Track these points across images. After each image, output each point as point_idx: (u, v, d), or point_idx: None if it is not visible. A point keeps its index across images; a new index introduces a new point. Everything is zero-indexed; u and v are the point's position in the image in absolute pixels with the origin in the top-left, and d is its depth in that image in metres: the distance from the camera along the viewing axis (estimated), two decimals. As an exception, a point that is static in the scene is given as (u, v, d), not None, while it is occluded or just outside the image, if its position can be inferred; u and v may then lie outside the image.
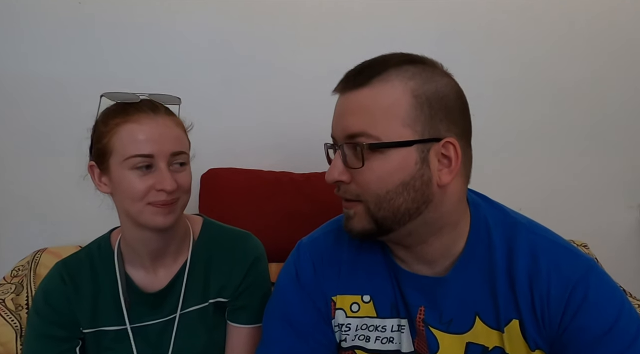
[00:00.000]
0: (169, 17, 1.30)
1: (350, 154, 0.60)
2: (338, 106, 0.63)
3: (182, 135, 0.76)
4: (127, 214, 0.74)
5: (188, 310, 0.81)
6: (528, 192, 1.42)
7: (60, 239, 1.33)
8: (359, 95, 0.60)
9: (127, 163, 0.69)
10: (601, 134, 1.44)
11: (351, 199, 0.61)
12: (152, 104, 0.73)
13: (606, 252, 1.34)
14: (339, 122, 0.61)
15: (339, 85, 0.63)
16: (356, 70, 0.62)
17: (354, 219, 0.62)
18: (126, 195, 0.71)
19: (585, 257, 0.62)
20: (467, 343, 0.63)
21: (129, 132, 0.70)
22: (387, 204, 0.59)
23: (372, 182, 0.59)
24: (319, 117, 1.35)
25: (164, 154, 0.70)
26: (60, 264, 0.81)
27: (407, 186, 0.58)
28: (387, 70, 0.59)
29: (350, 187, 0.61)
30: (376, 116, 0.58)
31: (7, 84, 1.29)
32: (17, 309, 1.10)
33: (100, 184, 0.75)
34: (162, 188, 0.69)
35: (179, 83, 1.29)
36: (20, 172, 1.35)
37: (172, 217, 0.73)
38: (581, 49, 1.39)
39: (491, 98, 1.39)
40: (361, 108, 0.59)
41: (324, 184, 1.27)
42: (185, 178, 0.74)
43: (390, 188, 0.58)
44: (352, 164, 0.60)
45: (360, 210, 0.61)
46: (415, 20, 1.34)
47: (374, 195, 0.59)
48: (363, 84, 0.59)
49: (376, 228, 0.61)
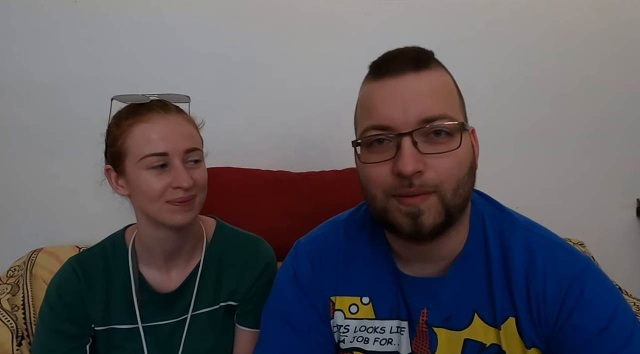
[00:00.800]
0: (166, 18, 1.29)
1: (421, 141, 0.55)
2: (399, 90, 0.56)
3: (195, 132, 0.76)
4: (145, 214, 0.74)
5: (199, 312, 0.82)
6: (525, 191, 1.42)
7: (56, 239, 1.32)
8: (429, 76, 0.56)
9: (143, 163, 0.70)
10: (598, 134, 1.45)
11: (426, 191, 0.55)
12: (163, 103, 0.74)
13: (603, 251, 1.35)
14: (410, 105, 0.55)
15: (391, 67, 0.57)
16: (409, 55, 0.57)
17: (424, 215, 0.55)
18: (144, 195, 0.71)
19: (582, 255, 0.62)
20: (465, 339, 0.63)
21: (142, 132, 0.70)
22: (463, 190, 0.57)
23: (455, 166, 0.55)
24: (317, 116, 1.36)
25: (178, 151, 0.71)
26: (74, 260, 0.81)
27: (471, 171, 0.59)
28: (433, 58, 0.60)
29: (427, 176, 0.55)
30: (452, 98, 0.58)
31: (3, 84, 1.28)
32: (13, 310, 1.09)
33: (117, 187, 0.75)
34: (179, 185, 0.69)
35: (177, 83, 1.28)
36: (16, 172, 1.34)
37: (191, 214, 0.73)
38: (580, 50, 1.39)
39: (490, 98, 1.39)
40: (437, 89, 0.56)
41: (322, 183, 1.29)
42: (200, 175, 0.74)
43: (465, 172, 0.57)
44: (428, 149, 0.55)
45: (432, 202, 0.55)
46: (415, 21, 1.34)
47: (455, 180, 0.56)
48: (426, 67, 0.57)
49: (445, 220, 0.56)
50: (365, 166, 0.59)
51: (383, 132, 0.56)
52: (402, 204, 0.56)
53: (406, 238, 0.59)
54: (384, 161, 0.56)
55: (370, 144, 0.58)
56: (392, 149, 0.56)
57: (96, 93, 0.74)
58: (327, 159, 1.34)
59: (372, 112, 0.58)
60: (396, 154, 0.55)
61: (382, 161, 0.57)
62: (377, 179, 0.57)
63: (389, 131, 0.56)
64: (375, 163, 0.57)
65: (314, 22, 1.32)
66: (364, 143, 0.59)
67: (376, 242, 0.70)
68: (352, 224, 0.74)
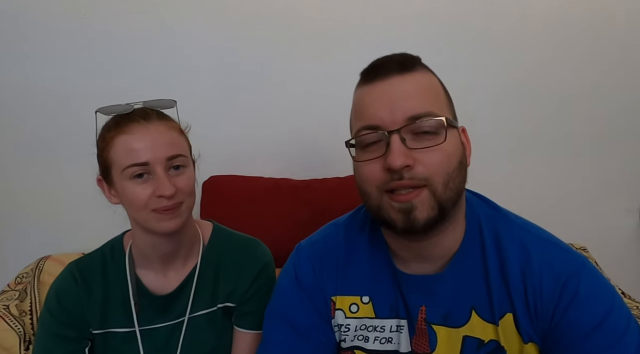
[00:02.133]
0: (171, 27, 1.32)
1: (409, 138, 0.58)
2: (386, 91, 0.60)
3: (178, 138, 0.76)
4: (136, 222, 0.76)
5: (196, 314, 0.82)
6: (527, 196, 1.42)
7: (63, 246, 1.34)
8: (413, 78, 0.60)
9: (126, 174, 0.71)
10: (600, 139, 1.45)
11: (417, 185, 0.58)
12: (144, 112, 0.74)
13: (606, 256, 1.34)
14: (397, 105, 0.58)
15: (380, 72, 0.61)
16: (394, 59, 0.61)
17: (417, 209, 0.58)
18: (130, 205, 0.73)
19: (577, 254, 0.63)
20: (463, 336, 0.64)
21: (122, 144, 0.71)
22: (453, 184, 0.59)
23: (443, 160, 0.58)
24: (319, 124, 1.38)
25: (160, 159, 0.71)
26: (73, 264, 0.82)
27: (461, 165, 0.61)
28: (419, 62, 0.63)
29: (416, 170, 0.58)
30: (437, 97, 0.62)
31: (11, 94, 1.32)
32: (21, 315, 1.11)
33: (110, 197, 0.77)
34: (161, 194, 0.70)
35: (181, 91, 1.29)
36: (23, 180, 1.37)
37: (178, 221, 0.74)
38: (581, 54, 1.40)
39: (491, 103, 1.40)
40: (422, 90, 0.60)
41: (324, 190, 1.30)
42: (184, 181, 0.74)
43: (455, 166, 0.60)
44: (415, 144, 0.58)
45: (424, 196, 0.58)
46: (415, 27, 1.36)
47: (444, 174, 0.58)
48: (411, 69, 0.61)
49: (438, 214, 0.59)
50: (359, 165, 0.62)
51: (373, 131, 0.60)
52: (394, 201, 0.59)
53: (401, 234, 0.61)
54: (376, 158, 0.60)
55: (363, 144, 0.62)
56: (383, 147, 0.59)
57: (103, 103, 0.75)
58: (330, 166, 1.35)
59: (363, 114, 0.62)
60: (386, 151, 0.58)
61: (374, 158, 0.60)
62: (370, 176, 0.61)
63: (379, 130, 0.59)
64: (367, 161, 0.61)
65: (315, 30, 1.34)
66: (358, 143, 0.63)
67: (375, 243, 0.71)
68: (352, 226, 0.75)
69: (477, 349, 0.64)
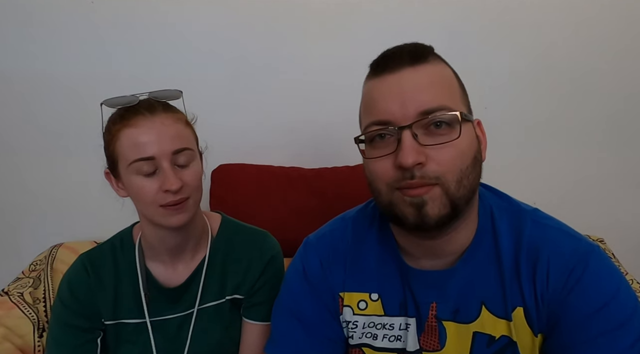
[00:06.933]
0: (180, 18, 1.30)
1: (422, 133, 0.55)
2: (397, 85, 0.56)
3: (184, 130, 0.74)
4: (144, 215, 0.76)
5: (205, 306, 0.83)
6: (543, 187, 1.39)
7: (75, 235, 1.36)
8: (425, 70, 0.57)
9: (132, 168, 0.70)
10: (618, 126, 1.39)
11: (428, 183, 0.55)
12: (149, 104, 0.72)
13: (623, 248, 1.31)
14: (409, 99, 0.55)
15: (390, 63, 0.58)
16: (406, 50, 0.58)
17: (428, 205, 0.55)
18: (138, 199, 0.72)
19: (588, 242, 0.61)
20: (473, 332, 0.63)
21: (128, 138, 0.70)
22: (467, 181, 0.56)
23: (457, 157, 0.55)
24: (329, 113, 1.36)
25: (165, 153, 0.70)
26: (84, 255, 0.83)
27: (475, 161, 0.58)
28: (432, 52, 0.60)
29: (428, 168, 0.55)
30: (451, 90, 0.59)
31: (21, 84, 1.32)
32: (34, 303, 1.13)
33: (118, 190, 0.76)
34: (167, 188, 0.69)
35: (190, 80, 1.30)
36: (37, 169, 1.38)
37: (185, 215, 0.73)
38: (596, 39, 1.34)
39: (504, 90, 1.36)
40: (434, 82, 0.57)
41: (333, 179, 1.29)
42: (191, 176, 0.73)
43: (469, 163, 0.57)
44: (428, 141, 0.55)
45: (436, 193, 0.55)
46: (426, 13, 1.31)
47: (458, 171, 0.56)
48: (423, 60, 0.58)
49: (451, 212, 0.56)
50: (369, 162, 0.60)
51: (384, 127, 0.57)
52: (406, 195, 0.57)
53: (412, 229, 0.59)
54: (386, 155, 0.57)
55: (373, 140, 0.59)
56: (394, 143, 0.56)
57: (111, 92, 0.74)
58: (340, 155, 1.33)
59: (373, 108, 0.59)
60: (397, 148, 0.56)
61: (385, 155, 0.57)
62: (380, 174, 0.58)
63: (390, 125, 0.56)
64: (378, 158, 0.58)
65: (325, 18, 1.31)
66: (367, 139, 0.60)
67: (384, 239, 0.70)
68: (360, 220, 0.74)
69: (488, 345, 0.62)
